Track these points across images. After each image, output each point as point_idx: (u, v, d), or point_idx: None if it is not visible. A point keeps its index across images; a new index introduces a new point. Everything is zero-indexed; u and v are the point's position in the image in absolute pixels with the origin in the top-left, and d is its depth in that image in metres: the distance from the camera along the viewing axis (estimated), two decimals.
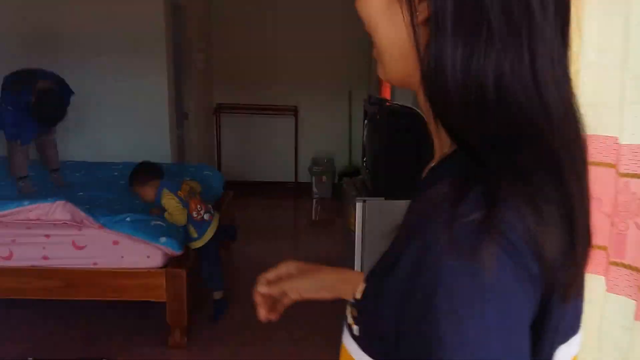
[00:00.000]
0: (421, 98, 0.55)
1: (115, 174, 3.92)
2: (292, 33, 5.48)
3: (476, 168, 0.49)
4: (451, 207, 0.46)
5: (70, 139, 4.20)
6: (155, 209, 2.92)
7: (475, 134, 0.50)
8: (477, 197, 0.46)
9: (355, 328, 0.55)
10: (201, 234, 2.97)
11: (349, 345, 0.56)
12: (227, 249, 3.88)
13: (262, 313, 0.89)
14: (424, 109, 0.55)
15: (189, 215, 2.91)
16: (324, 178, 5.46)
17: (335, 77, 5.59)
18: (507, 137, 0.49)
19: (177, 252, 2.74)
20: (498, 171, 0.47)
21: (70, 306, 3.06)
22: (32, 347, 2.73)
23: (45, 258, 2.72)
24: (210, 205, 3.10)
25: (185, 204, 2.89)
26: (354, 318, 0.56)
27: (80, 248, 2.73)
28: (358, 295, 0.55)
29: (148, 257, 2.74)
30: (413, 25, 0.51)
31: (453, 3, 0.48)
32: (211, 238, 2.99)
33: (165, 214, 2.88)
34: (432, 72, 0.50)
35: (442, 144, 0.57)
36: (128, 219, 2.74)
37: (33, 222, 2.76)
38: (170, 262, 2.78)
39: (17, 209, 2.74)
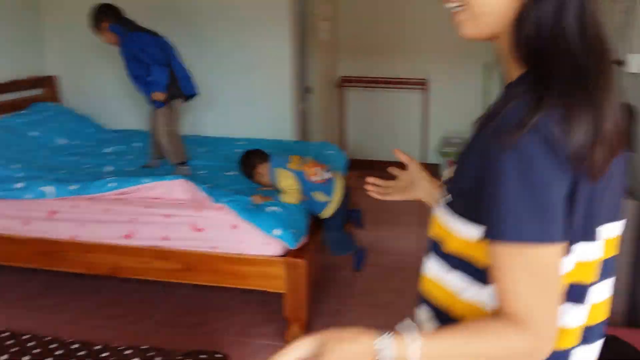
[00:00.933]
0: (504, 44, 0.81)
1: (237, 150, 3.78)
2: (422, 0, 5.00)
3: (532, 88, 0.74)
4: (505, 111, 0.74)
5: (195, 114, 4.13)
6: (257, 196, 2.70)
7: (546, 64, 0.75)
8: (524, 106, 0.72)
9: (446, 198, 0.86)
10: (331, 194, 2.74)
11: (439, 213, 0.88)
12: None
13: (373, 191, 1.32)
14: (504, 51, 0.82)
15: (308, 183, 2.70)
16: (454, 160, 5.00)
17: (469, 47, 5.02)
18: (562, 65, 0.74)
19: (292, 247, 2.49)
20: (545, 89, 0.72)
21: (189, 288, 2.96)
22: (150, 330, 2.65)
23: (165, 239, 2.61)
24: (327, 165, 2.87)
25: (300, 173, 2.69)
26: (446, 190, 0.87)
27: (200, 230, 2.58)
28: (449, 175, 0.91)
29: (268, 244, 2.52)
30: None
31: None
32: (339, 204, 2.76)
33: (280, 195, 2.69)
34: (533, 21, 0.76)
35: (509, 76, 0.83)
36: (245, 202, 2.54)
37: (153, 200, 2.66)
38: (291, 250, 2.55)
39: (137, 186, 2.65)
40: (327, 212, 2.76)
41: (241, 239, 2.54)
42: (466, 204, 0.80)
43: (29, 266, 2.76)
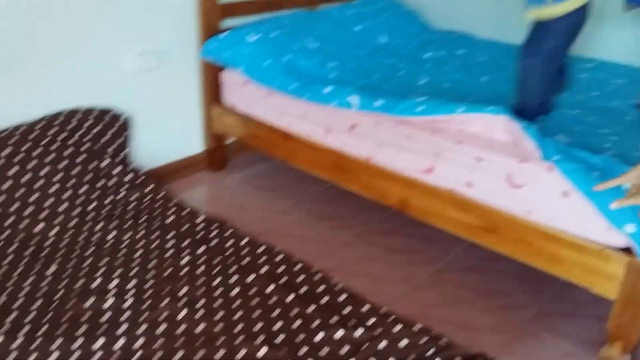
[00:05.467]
0: None
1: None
2: None
3: None
4: None
5: None
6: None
7: None
8: None
9: None
10: None
11: None
12: None
13: None
14: None
15: None
16: None
17: None
18: None
19: None
20: None
21: (481, 252, 2.44)
22: (426, 282, 2.27)
23: (469, 185, 2.11)
24: None
25: None
26: None
27: (516, 186, 1.99)
28: None
29: (607, 229, 1.80)
30: None
31: None
32: None
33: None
34: None
35: None
36: (596, 172, 1.82)
37: (465, 136, 2.14)
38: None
39: (449, 115, 2.15)
40: None
41: (570, 212, 1.88)
42: None
43: (324, 177, 2.62)
